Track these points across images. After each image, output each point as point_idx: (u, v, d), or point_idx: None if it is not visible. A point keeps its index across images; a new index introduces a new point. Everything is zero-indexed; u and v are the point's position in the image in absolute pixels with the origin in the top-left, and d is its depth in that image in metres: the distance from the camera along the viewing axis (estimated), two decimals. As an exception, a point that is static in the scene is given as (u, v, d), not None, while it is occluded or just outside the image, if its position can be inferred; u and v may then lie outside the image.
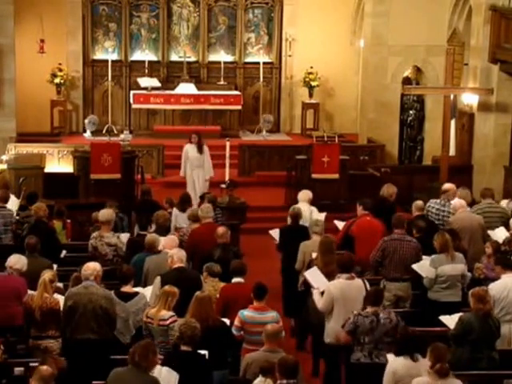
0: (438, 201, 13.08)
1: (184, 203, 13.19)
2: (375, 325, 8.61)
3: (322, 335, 9.50)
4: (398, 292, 10.58)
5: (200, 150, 16.76)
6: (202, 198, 14.15)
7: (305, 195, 13.37)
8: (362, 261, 11.14)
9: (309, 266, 10.54)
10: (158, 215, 11.62)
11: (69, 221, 12.78)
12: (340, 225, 12.75)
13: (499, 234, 11.99)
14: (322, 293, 9.47)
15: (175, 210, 13.18)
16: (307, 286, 10.27)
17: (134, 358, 7.19)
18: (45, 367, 6.97)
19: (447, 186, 13.45)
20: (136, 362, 7.17)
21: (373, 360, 8.63)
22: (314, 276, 9.91)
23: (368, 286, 9.43)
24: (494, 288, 9.40)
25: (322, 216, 12.83)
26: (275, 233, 12.44)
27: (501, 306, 9.41)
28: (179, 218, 13.05)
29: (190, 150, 16.81)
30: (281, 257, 12.25)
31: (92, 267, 8.97)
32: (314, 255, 10.65)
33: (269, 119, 22.38)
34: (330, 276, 9.76)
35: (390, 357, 8.14)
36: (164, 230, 11.45)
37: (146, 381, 7.20)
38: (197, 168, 16.77)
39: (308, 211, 12.93)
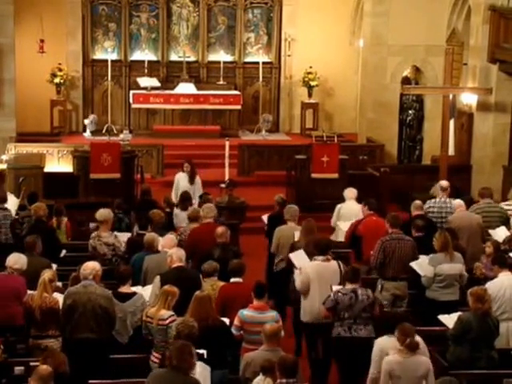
0: (437, 200, 13.10)
1: (184, 202, 13.20)
2: (354, 301, 9.11)
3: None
4: (395, 291, 10.59)
5: (192, 180, 15.34)
6: (201, 198, 14.18)
7: (351, 193, 13.36)
8: (370, 260, 11.17)
9: (292, 249, 10.90)
10: (154, 214, 11.64)
11: (66, 218, 12.75)
12: (342, 226, 12.76)
13: (500, 234, 12.02)
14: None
15: (175, 209, 13.19)
16: (289, 267, 10.74)
17: (172, 362, 7.06)
18: (44, 367, 6.96)
19: (445, 183, 13.47)
20: (175, 365, 7.05)
21: (352, 334, 9.11)
22: (298, 257, 10.43)
23: (343, 267, 9.91)
24: (490, 287, 9.41)
25: (360, 214, 12.67)
26: (265, 217, 13.02)
27: (497, 304, 9.41)
28: (179, 217, 13.06)
29: (181, 179, 15.43)
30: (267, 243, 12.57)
31: (91, 266, 8.97)
32: (297, 238, 11.19)
33: (268, 119, 22.40)
34: (311, 256, 10.23)
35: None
36: (160, 228, 11.44)
37: (188, 383, 7.10)
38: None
39: (358, 209, 12.71)
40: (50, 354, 7.50)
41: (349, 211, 13.08)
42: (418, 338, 8.02)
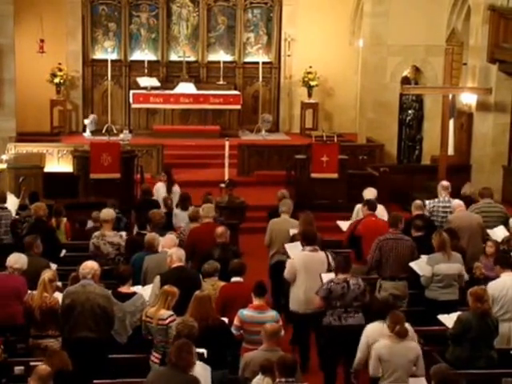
0: (441, 199, 13.10)
1: (184, 201, 13.20)
2: (346, 290, 9.46)
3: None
4: (393, 291, 10.59)
5: (169, 189, 14.94)
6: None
7: (371, 193, 13.34)
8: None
9: (292, 241, 11.23)
10: (153, 214, 11.65)
11: (65, 219, 12.75)
12: (342, 225, 12.77)
13: (498, 233, 12.02)
14: None
15: (175, 209, 13.20)
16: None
17: (172, 359, 7.11)
18: (43, 367, 6.98)
19: (446, 182, 13.50)
20: (174, 362, 7.09)
21: (342, 323, 9.46)
22: (292, 248, 10.85)
23: (331, 258, 10.28)
24: (492, 287, 9.43)
25: (385, 213, 12.76)
26: None
27: (500, 304, 9.43)
28: (179, 217, 13.07)
29: (159, 189, 15.07)
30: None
31: (90, 266, 8.98)
32: (291, 231, 11.57)
33: (268, 119, 22.40)
34: None
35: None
36: (159, 228, 11.45)
37: (187, 380, 7.13)
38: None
39: (379, 208, 12.68)
40: (53, 354, 7.50)
41: None
42: (407, 325, 8.25)
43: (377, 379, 8.28)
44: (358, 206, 13.07)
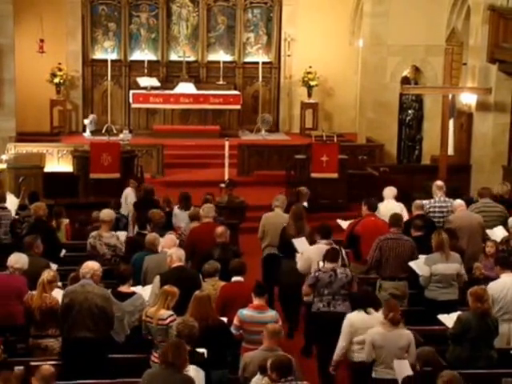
0: (437, 199, 13.10)
1: (185, 201, 13.19)
2: (333, 279, 9.84)
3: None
4: (393, 291, 10.60)
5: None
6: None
7: (391, 191, 13.36)
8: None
9: (282, 232, 11.78)
10: (153, 214, 11.64)
11: (66, 220, 12.75)
12: (343, 224, 12.78)
13: (498, 233, 12.02)
14: None
15: (176, 209, 13.18)
16: (280, 251, 11.81)
17: (168, 358, 7.07)
18: (46, 366, 6.98)
19: (440, 182, 13.51)
20: (170, 361, 7.05)
21: (330, 309, 9.82)
22: (300, 243, 11.30)
23: (344, 252, 10.76)
24: (492, 287, 9.42)
25: (405, 212, 12.79)
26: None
27: (500, 305, 9.42)
28: (179, 217, 13.06)
29: (129, 195, 14.71)
30: None
31: (90, 266, 8.97)
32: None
33: (267, 119, 22.39)
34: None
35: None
36: (159, 228, 11.45)
37: (182, 380, 7.12)
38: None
39: (398, 207, 12.80)
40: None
41: (388, 210, 13.02)
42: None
43: (365, 366, 8.64)
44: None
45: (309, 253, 10.76)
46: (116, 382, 8.26)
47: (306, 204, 13.26)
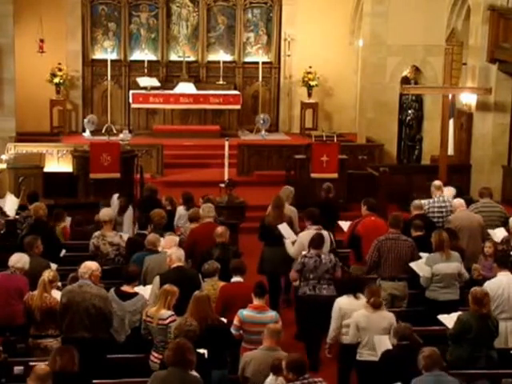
0: (436, 199, 13.10)
1: (188, 201, 13.16)
2: (318, 264, 10.41)
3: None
4: (393, 291, 10.62)
5: (122, 211, 13.49)
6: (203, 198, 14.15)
7: (449, 191, 13.38)
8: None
9: (262, 222, 12.31)
10: (154, 214, 11.63)
11: (66, 223, 12.71)
12: (344, 225, 12.77)
13: (499, 234, 12.00)
14: (293, 242, 11.46)
15: (180, 209, 13.11)
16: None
17: (174, 359, 7.04)
18: (41, 366, 6.95)
19: (438, 182, 13.51)
20: (176, 362, 7.03)
21: (316, 292, 10.40)
22: (285, 229, 11.76)
23: (332, 238, 11.58)
24: (489, 286, 9.42)
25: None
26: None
27: (496, 303, 9.42)
28: (184, 217, 12.99)
29: (116, 199, 13.87)
30: None
31: (88, 266, 8.98)
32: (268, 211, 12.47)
33: (267, 119, 22.37)
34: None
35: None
36: (160, 228, 11.43)
37: (194, 380, 7.10)
38: (118, 225, 13.15)
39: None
40: (63, 351, 7.35)
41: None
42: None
43: (352, 346, 9.14)
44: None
45: (301, 239, 11.24)
46: (116, 382, 8.26)
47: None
